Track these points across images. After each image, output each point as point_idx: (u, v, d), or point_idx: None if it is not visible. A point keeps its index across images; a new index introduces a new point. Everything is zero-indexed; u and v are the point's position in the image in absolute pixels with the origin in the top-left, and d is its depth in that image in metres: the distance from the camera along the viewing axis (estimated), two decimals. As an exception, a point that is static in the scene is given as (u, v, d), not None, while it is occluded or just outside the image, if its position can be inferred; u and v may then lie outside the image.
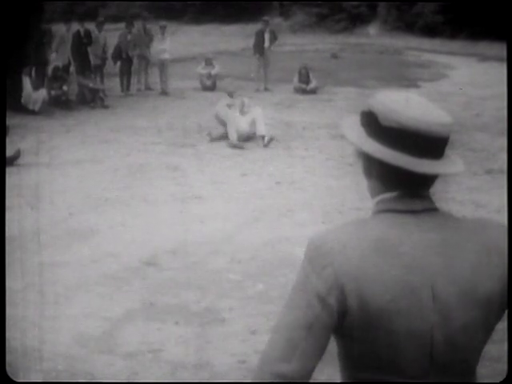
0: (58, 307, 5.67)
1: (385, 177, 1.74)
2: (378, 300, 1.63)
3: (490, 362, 4.18)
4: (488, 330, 1.75)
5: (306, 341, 1.64)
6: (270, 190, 9.20)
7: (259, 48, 17.41)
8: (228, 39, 25.42)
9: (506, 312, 1.78)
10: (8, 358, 4.79)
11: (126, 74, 16.74)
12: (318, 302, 1.64)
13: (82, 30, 16.04)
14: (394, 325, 1.65)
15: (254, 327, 5.35)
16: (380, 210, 1.75)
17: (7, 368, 4.61)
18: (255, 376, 1.66)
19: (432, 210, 1.75)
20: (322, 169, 10.21)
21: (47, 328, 5.34)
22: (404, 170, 1.68)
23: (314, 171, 10.09)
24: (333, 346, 1.73)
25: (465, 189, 9.19)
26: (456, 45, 24.90)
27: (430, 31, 26.36)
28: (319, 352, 1.66)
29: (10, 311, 5.35)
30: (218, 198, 8.82)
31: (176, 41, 23.23)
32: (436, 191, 6.54)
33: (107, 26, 17.76)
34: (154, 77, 17.28)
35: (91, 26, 16.44)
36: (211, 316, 5.60)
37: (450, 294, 1.67)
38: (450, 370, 1.71)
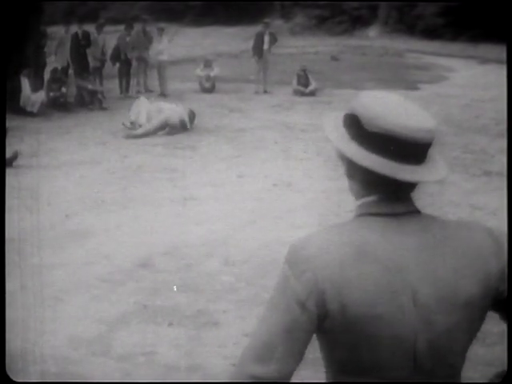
0: (51, 309, 5.67)
1: (367, 180, 1.73)
2: (359, 305, 1.63)
3: (483, 366, 4.18)
4: (471, 334, 1.75)
5: (284, 344, 1.63)
6: (267, 191, 9.18)
7: (258, 50, 17.39)
8: (228, 41, 25.40)
9: (495, 315, 1.78)
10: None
11: (124, 75, 16.75)
12: (298, 306, 1.64)
13: (80, 32, 16.03)
14: (375, 330, 1.64)
15: (247, 330, 5.33)
16: (361, 214, 1.75)
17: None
18: (232, 376, 1.67)
19: (414, 212, 1.74)
20: (320, 171, 10.19)
21: (41, 330, 5.33)
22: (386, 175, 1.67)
23: (311, 173, 10.07)
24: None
25: (462, 191, 9.18)
26: (456, 47, 24.89)
27: (431, 33, 26.36)
28: (298, 356, 1.66)
29: (5, 313, 5.36)
30: (215, 199, 8.81)
31: (176, 43, 23.24)
32: (433, 193, 6.53)
33: (108, 28, 17.76)
34: (154, 79, 17.27)
35: (91, 28, 16.45)
36: (205, 318, 5.59)
37: (431, 298, 1.66)
38: (434, 374, 1.70)
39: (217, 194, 9.03)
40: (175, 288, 6.10)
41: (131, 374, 4.83)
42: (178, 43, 23.39)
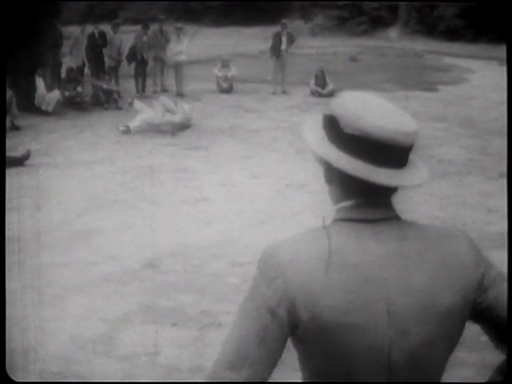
0: (55, 308, 5.69)
1: (345, 184, 1.68)
2: (330, 313, 1.58)
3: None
4: (450, 344, 1.70)
5: (256, 351, 1.60)
6: (279, 192, 9.15)
7: (276, 50, 17.38)
8: (247, 41, 25.40)
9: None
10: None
11: (141, 75, 16.79)
12: (268, 313, 1.60)
13: (96, 32, 16.09)
14: (348, 339, 1.60)
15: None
16: (337, 219, 1.70)
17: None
18: (205, 382, 1.63)
19: (392, 219, 1.69)
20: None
21: (44, 329, 5.35)
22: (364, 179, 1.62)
23: (324, 175, 10.01)
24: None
25: (478, 193, 9.09)
26: (476, 48, 24.72)
27: (451, 35, 26.18)
28: (271, 363, 1.62)
29: (7, 311, 5.37)
30: (226, 200, 8.79)
31: (195, 43, 23.26)
32: (448, 195, 6.44)
33: (126, 28, 17.82)
34: (171, 78, 17.28)
35: (107, 28, 16.50)
36: (208, 320, 5.56)
37: (406, 307, 1.61)
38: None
39: (228, 195, 9.01)
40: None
41: (133, 375, 4.82)
42: (196, 43, 23.40)
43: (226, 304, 5.78)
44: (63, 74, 15.48)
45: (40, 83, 14.46)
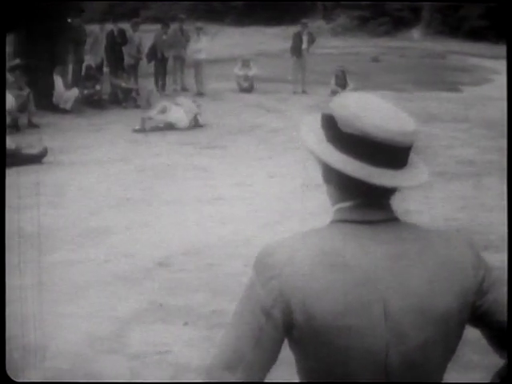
0: (67, 306, 5.70)
1: (343, 185, 1.65)
2: (326, 315, 1.56)
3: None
4: (448, 348, 1.67)
5: (252, 352, 1.58)
6: (296, 192, 9.09)
7: (297, 50, 17.37)
8: (269, 41, 25.38)
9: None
10: (12, 354, 4.81)
11: (161, 74, 16.83)
12: (263, 314, 1.59)
13: (115, 30, 16.15)
14: (344, 341, 1.57)
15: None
16: (335, 220, 1.68)
17: (11, 365, 4.64)
18: (200, 382, 1.63)
19: (391, 220, 1.67)
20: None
21: (55, 326, 5.35)
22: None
23: (342, 175, 9.96)
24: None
25: (497, 194, 9.00)
26: (501, 49, 24.46)
27: (475, 35, 25.97)
28: (267, 364, 1.61)
29: (19, 308, 5.39)
30: (242, 200, 8.77)
31: (217, 42, 23.27)
32: (466, 196, 6.34)
33: (147, 27, 17.86)
34: (191, 77, 17.29)
35: (127, 26, 16.56)
36: (219, 319, 5.53)
37: (403, 310, 1.59)
38: None
39: (245, 195, 8.99)
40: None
41: (142, 373, 4.82)
42: (218, 43, 23.42)
43: (237, 304, 5.75)
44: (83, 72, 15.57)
45: (58, 81, 14.53)
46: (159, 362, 4.93)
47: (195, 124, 13.25)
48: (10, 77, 13.21)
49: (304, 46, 17.33)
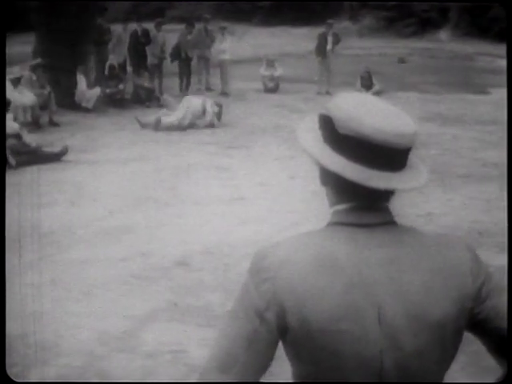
0: (82, 304, 5.70)
1: (339, 187, 1.63)
2: (320, 319, 1.55)
3: None
4: (445, 355, 1.63)
5: (246, 354, 1.58)
6: (317, 193, 9.02)
7: (322, 51, 17.30)
8: (295, 41, 25.31)
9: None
10: (26, 351, 4.82)
11: (185, 73, 16.84)
12: (256, 316, 1.58)
13: (139, 30, 16.20)
14: (337, 346, 1.56)
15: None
16: (332, 223, 1.65)
17: (24, 361, 4.65)
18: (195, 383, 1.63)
19: (388, 223, 1.64)
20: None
21: (69, 324, 5.37)
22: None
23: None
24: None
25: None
26: (531, 50, 24.15)
27: (504, 37, 25.61)
28: (260, 367, 1.60)
29: (34, 306, 5.41)
30: (263, 200, 8.73)
31: (243, 42, 23.27)
32: (490, 199, 6.23)
33: (172, 27, 17.87)
34: (216, 77, 17.30)
35: (150, 26, 16.60)
36: (234, 320, 5.49)
37: (398, 315, 1.56)
38: None
39: (265, 195, 8.95)
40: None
41: (155, 372, 4.80)
42: (244, 43, 23.43)
43: (253, 304, 5.72)
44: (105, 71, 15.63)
45: (81, 80, 14.60)
46: (172, 362, 4.91)
47: (214, 123, 13.24)
48: (32, 75, 13.32)
49: (329, 46, 17.26)
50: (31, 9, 14.88)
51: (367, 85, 16.93)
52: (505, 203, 8.56)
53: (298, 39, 25.96)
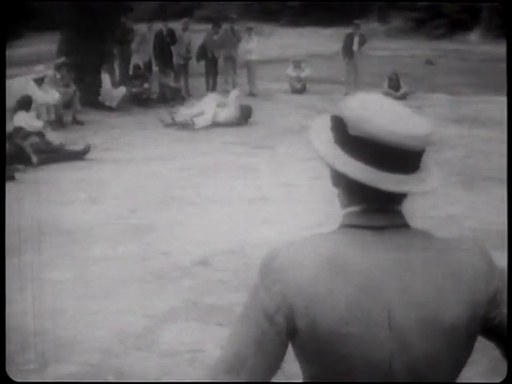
0: (101, 302, 5.69)
1: (351, 189, 1.61)
2: (328, 322, 1.52)
3: None
4: (456, 360, 1.60)
5: (254, 357, 1.56)
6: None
7: (348, 51, 17.25)
8: (323, 42, 25.26)
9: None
10: (43, 348, 4.83)
11: (211, 73, 16.88)
12: (266, 319, 1.56)
13: (164, 30, 16.24)
14: (347, 349, 1.53)
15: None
16: (343, 225, 1.63)
17: (40, 358, 4.65)
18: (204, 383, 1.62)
19: (400, 226, 1.61)
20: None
21: (88, 321, 5.36)
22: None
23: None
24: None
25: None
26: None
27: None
28: (270, 370, 1.59)
29: (53, 302, 5.42)
30: (286, 200, 8.70)
31: (271, 43, 23.26)
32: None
33: (199, 27, 17.89)
34: (243, 78, 17.30)
35: (177, 26, 16.64)
36: (254, 320, 5.45)
37: (409, 319, 1.53)
38: None
39: (288, 195, 8.92)
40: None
41: (172, 371, 4.78)
42: (272, 43, 23.41)
43: (273, 305, 5.67)
44: (130, 71, 15.69)
45: (106, 79, 14.67)
46: (190, 361, 4.88)
47: (237, 123, 13.31)
48: (56, 74, 13.41)
49: (355, 47, 17.18)
50: (57, 8, 14.99)
51: (394, 87, 16.85)
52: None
53: (325, 40, 25.92)
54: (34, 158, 9.88)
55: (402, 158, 1.53)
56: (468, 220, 7.77)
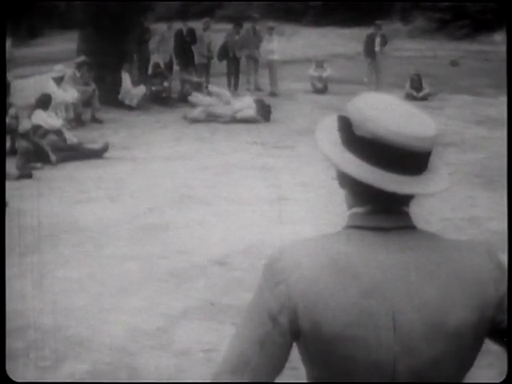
0: (117, 300, 5.71)
1: (356, 190, 1.59)
2: (332, 324, 1.51)
3: None
4: (461, 364, 1.58)
5: (258, 357, 1.55)
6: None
7: (370, 52, 17.20)
8: (345, 42, 25.14)
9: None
10: (57, 345, 4.84)
11: (233, 73, 16.88)
12: (269, 319, 1.55)
13: (184, 29, 16.25)
14: (351, 352, 1.52)
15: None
16: (349, 226, 1.61)
17: (55, 355, 4.67)
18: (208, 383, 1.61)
19: (407, 228, 1.58)
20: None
21: (103, 319, 5.38)
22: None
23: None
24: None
25: None
26: None
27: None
28: (273, 371, 1.58)
29: (68, 300, 5.44)
30: (305, 200, 8.68)
31: (293, 43, 23.21)
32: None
33: (221, 26, 17.88)
34: (265, 77, 17.28)
35: (198, 25, 16.65)
36: (269, 320, 5.43)
37: (413, 322, 1.51)
38: None
39: (308, 195, 8.90)
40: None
41: (186, 370, 4.78)
42: (294, 43, 23.36)
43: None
44: (150, 70, 15.71)
45: (126, 78, 14.70)
46: (205, 360, 4.87)
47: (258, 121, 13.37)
48: (76, 72, 13.47)
49: (376, 47, 17.11)
50: (76, 7, 15.08)
51: (416, 87, 16.75)
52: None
53: (347, 40, 25.80)
54: (53, 157, 9.93)
55: (408, 159, 1.51)
56: (489, 222, 7.70)
